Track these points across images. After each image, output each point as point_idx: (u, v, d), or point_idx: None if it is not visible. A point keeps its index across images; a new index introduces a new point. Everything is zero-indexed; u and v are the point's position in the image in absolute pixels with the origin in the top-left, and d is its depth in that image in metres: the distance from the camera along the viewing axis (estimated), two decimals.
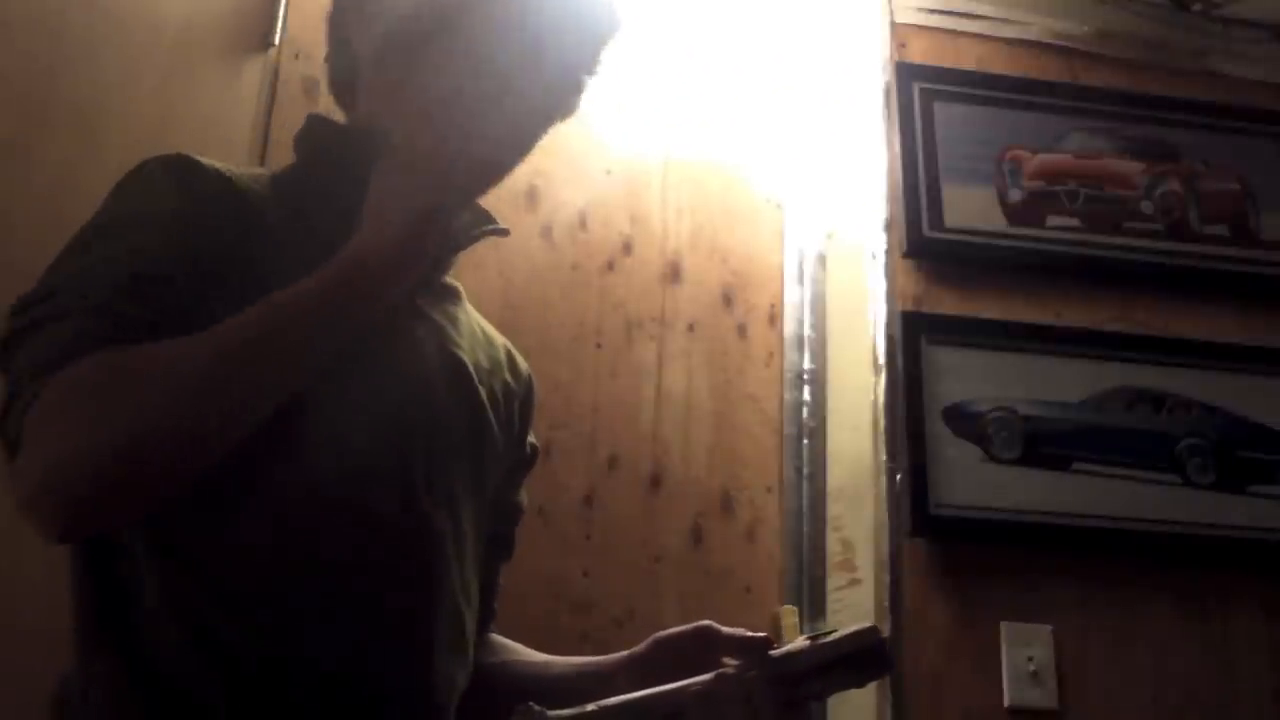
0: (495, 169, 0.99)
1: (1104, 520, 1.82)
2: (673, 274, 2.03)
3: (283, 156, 1.91)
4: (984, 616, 1.76)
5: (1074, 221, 2.00)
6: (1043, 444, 1.85)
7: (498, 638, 1.17)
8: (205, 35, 1.90)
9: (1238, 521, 1.84)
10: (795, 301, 2.09)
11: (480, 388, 1.05)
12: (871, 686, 1.72)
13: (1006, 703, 1.71)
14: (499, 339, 1.16)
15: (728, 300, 2.07)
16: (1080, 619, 1.78)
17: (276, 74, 1.93)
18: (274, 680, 0.86)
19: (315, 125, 1.05)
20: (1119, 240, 2.00)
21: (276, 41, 1.94)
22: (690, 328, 2.02)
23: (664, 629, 1.04)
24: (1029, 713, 1.71)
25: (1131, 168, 2.06)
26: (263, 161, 1.88)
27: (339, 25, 1.06)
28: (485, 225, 1.07)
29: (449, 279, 1.10)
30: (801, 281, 2.11)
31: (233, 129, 1.87)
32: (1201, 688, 1.77)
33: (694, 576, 1.91)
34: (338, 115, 1.92)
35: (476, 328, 1.13)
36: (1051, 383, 1.89)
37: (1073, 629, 1.77)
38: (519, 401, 1.14)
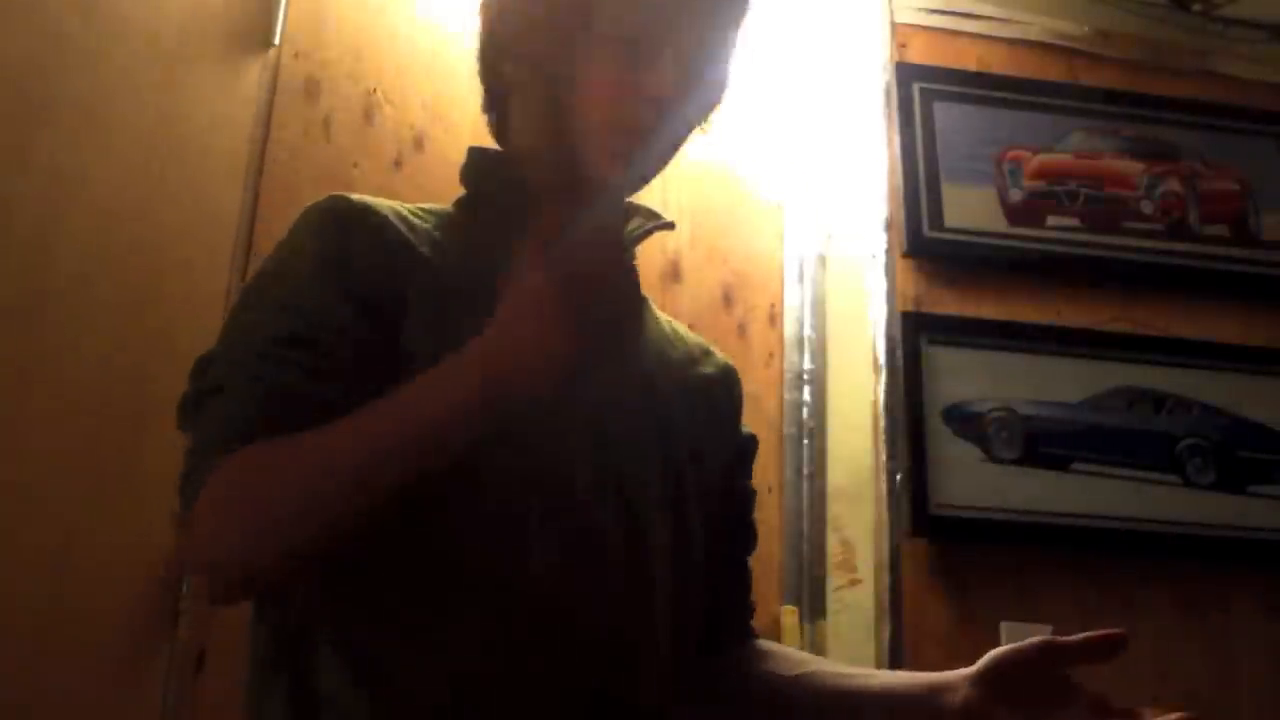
0: (658, 145, 1.01)
1: (1104, 520, 1.82)
2: (673, 274, 2.02)
3: (283, 156, 1.92)
4: (984, 616, 1.76)
5: (1074, 221, 2.00)
6: (1043, 444, 1.85)
7: (775, 646, 1.11)
8: (205, 35, 1.90)
9: (1238, 521, 1.84)
10: (795, 302, 2.09)
11: (666, 387, 1.04)
12: None
13: None
14: (693, 337, 1.15)
15: (728, 300, 2.07)
16: (1080, 619, 1.78)
17: (276, 74, 1.93)
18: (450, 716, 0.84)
19: (474, 157, 1.07)
20: (1119, 240, 2.00)
21: (276, 41, 1.94)
22: (690, 328, 2.01)
23: None
24: None
25: (1131, 168, 2.05)
26: (262, 162, 1.88)
27: (488, 64, 1.06)
28: (651, 223, 1.06)
29: None
30: (801, 282, 2.10)
31: (233, 129, 1.87)
32: (1202, 687, 1.77)
33: None
34: (341, 115, 1.94)
35: (666, 327, 1.12)
36: (1051, 383, 1.89)
37: (1073, 629, 1.76)
38: (725, 394, 1.13)
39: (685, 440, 1.02)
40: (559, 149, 0.99)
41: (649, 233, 1.05)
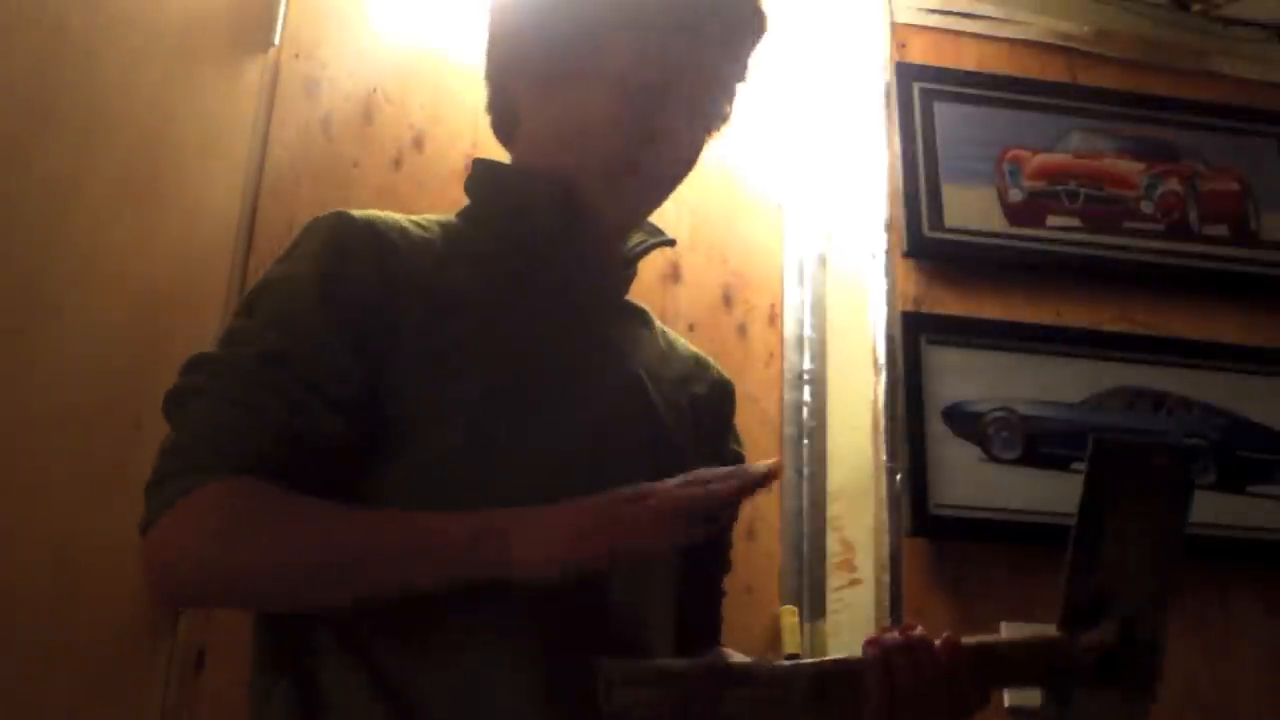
0: (661, 184, 1.03)
1: None
2: (673, 274, 2.03)
3: (283, 156, 1.93)
4: (984, 616, 1.75)
5: (1074, 221, 2.00)
6: (1043, 444, 1.85)
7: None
8: (205, 35, 1.90)
9: (1238, 521, 1.84)
10: (795, 302, 2.09)
11: (658, 403, 1.04)
12: None
13: (1007, 703, 1.71)
14: (689, 351, 1.15)
15: (728, 300, 2.07)
16: None
17: (276, 74, 1.93)
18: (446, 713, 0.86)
19: (478, 168, 1.08)
20: (1119, 240, 2.00)
21: (276, 41, 1.94)
22: (690, 328, 2.02)
23: None
24: (1029, 713, 1.71)
25: (1131, 168, 2.05)
26: (262, 162, 1.88)
27: (496, 73, 1.07)
28: (652, 239, 1.09)
29: (630, 298, 1.12)
30: (801, 281, 2.10)
31: (233, 129, 1.87)
32: (1201, 687, 1.77)
33: None
34: (340, 115, 1.94)
35: (661, 343, 1.13)
36: (1051, 383, 1.89)
37: None
38: (713, 411, 1.13)
39: (672, 460, 1.03)
40: (560, 171, 1.00)
41: (651, 248, 1.08)
